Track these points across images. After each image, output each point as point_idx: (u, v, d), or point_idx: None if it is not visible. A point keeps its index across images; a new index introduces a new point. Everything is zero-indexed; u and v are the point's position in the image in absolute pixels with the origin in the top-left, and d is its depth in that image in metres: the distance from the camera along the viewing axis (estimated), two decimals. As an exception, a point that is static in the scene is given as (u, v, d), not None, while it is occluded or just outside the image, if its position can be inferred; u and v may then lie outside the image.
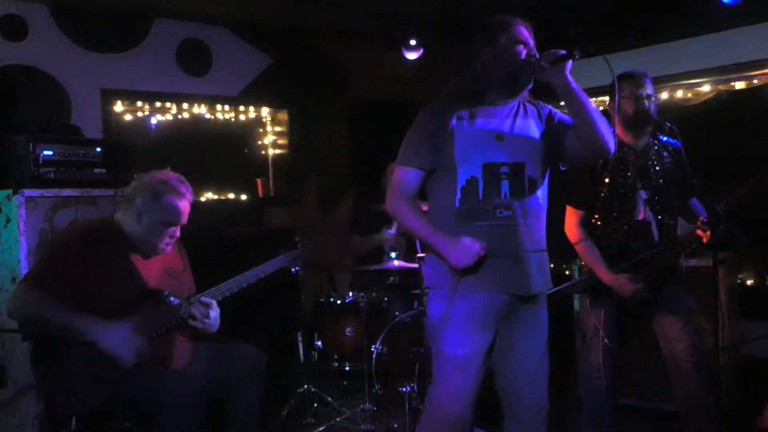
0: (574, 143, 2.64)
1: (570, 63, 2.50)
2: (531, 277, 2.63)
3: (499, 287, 2.60)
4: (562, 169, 2.80)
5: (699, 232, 3.18)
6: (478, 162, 2.59)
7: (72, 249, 3.02)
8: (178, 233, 3.21)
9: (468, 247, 2.51)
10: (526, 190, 2.61)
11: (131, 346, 2.90)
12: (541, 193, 2.69)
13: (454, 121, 2.63)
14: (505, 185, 2.59)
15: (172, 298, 3.14)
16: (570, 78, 2.52)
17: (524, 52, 2.60)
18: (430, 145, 2.65)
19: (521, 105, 2.73)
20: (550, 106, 2.78)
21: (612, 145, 2.58)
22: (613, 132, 2.60)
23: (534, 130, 2.69)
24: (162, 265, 3.25)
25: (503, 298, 2.62)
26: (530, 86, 2.71)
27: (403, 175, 2.70)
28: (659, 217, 3.34)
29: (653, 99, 3.32)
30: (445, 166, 2.64)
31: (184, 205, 3.17)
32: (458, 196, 2.61)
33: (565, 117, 2.72)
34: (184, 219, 3.19)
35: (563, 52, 2.49)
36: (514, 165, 2.60)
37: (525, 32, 2.67)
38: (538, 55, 2.58)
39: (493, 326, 2.64)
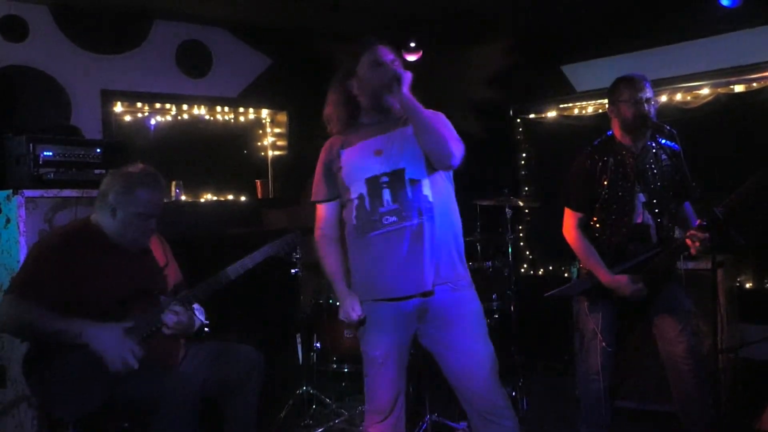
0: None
1: (407, 80, 2.74)
2: (426, 274, 2.74)
3: (394, 292, 2.76)
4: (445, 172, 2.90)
5: (688, 241, 3.18)
6: (362, 179, 2.78)
7: (52, 254, 3.00)
8: (154, 225, 3.18)
9: (347, 315, 2.85)
10: (409, 193, 2.74)
11: (121, 348, 2.89)
12: (431, 191, 2.78)
13: (340, 149, 2.89)
14: (386, 193, 2.75)
15: (162, 298, 3.14)
16: (406, 95, 2.73)
17: (383, 73, 2.79)
18: (330, 176, 2.92)
19: (401, 118, 2.85)
20: None
21: (452, 159, 2.72)
22: (456, 145, 2.74)
23: (410, 139, 2.80)
24: (145, 261, 3.23)
25: (402, 300, 2.76)
26: (393, 105, 2.84)
27: (319, 211, 3.00)
28: (658, 219, 3.35)
29: (653, 102, 3.33)
30: (343, 193, 2.88)
31: (157, 196, 3.15)
32: (353, 213, 2.81)
33: None
34: (159, 210, 3.17)
35: (398, 72, 2.75)
36: (393, 173, 2.76)
37: (385, 52, 2.86)
38: (397, 73, 2.77)
39: (402, 327, 2.82)
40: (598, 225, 3.40)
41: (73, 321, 2.89)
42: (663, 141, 3.42)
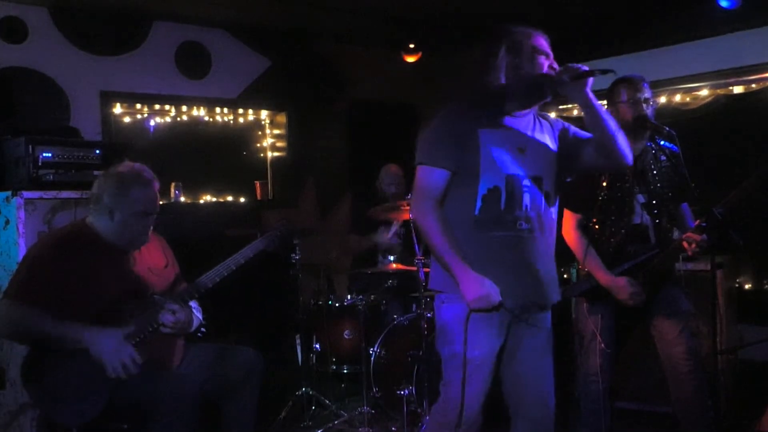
0: (592, 156, 2.68)
1: (591, 80, 2.52)
2: (547, 287, 2.68)
3: (515, 297, 2.61)
4: (567, 180, 2.83)
5: (684, 244, 3.19)
6: (502, 172, 2.59)
7: (48, 258, 2.98)
8: (152, 222, 3.16)
9: (489, 295, 2.51)
10: (544, 204, 2.65)
11: (121, 354, 2.87)
12: (555, 208, 2.73)
13: (480, 128, 2.60)
14: (527, 198, 2.61)
15: (157, 297, 3.13)
16: (590, 94, 2.55)
17: (546, 64, 2.61)
18: (457, 147, 2.59)
19: (536, 118, 2.74)
20: (562, 121, 2.81)
21: (630, 157, 2.65)
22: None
23: (551, 145, 2.72)
24: (143, 262, 3.22)
25: (519, 305, 2.64)
26: (548, 98, 2.71)
27: (430, 177, 2.62)
28: (656, 220, 3.35)
29: (651, 103, 3.33)
30: (466, 173, 2.60)
31: (153, 192, 3.13)
32: (479, 204, 2.59)
33: (580, 131, 2.76)
34: (155, 206, 3.15)
35: (585, 68, 2.50)
36: (534, 178, 2.63)
37: (545, 44, 2.67)
38: (557, 68, 2.59)
39: (506, 330, 2.67)
40: (597, 226, 3.40)
41: (72, 325, 2.87)
42: (662, 142, 3.42)
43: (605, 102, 3.49)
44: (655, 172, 3.36)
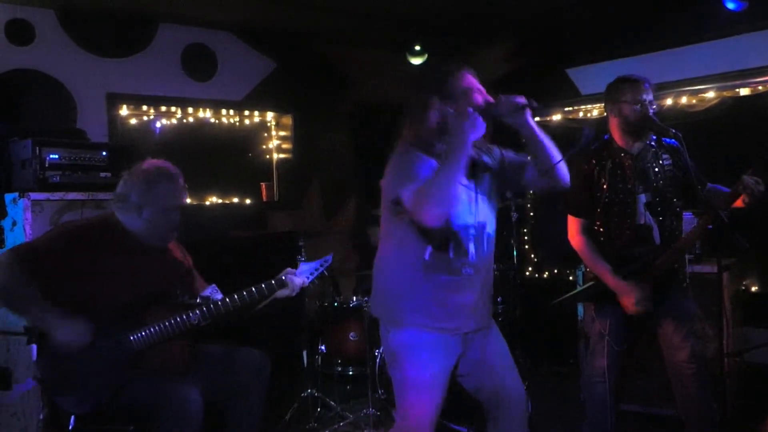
0: (534, 177, 2.79)
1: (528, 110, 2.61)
2: (485, 315, 2.82)
3: (460, 330, 2.73)
4: (508, 196, 2.91)
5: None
6: (454, 224, 2.65)
7: (75, 242, 3.01)
8: (178, 218, 3.18)
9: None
10: (486, 248, 2.77)
11: (77, 339, 2.89)
12: (493, 245, 2.85)
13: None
14: (472, 246, 2.71)
15: (200, 297, 3.14)
16: (531, 122, 2.65)
17: (480, 99, 2.67)
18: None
19: (475, 154, 2.74)
20: (497, 149, 2.86)
21: (567, 175, 2.75)
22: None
23: (491, 187, 2.82)
24: (167, 263, 3.25)
25: (461, 335, 2.76)
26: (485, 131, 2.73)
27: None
28: (661, 219, 3.34)
29: (654, 106, 3.32)
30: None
31: (179, 186, 3.16)
32: (429, 250, 2.67)
33: (515, 156, 2.86)
34: (182, 200, 3.18)
35: (522, 100, 2.60)
36: (479, 226, 2.73)
37: (472, 79, 2.73)
38: (491, 99, 2.66)
39: (453, 353, 2.76)
40: (601, 229, 3.39)
41: (43, 306, 2.89)
42: (664, 139, 3.40)
43: (604, 102, 3.47)
44: (656, 170, 3.35)
